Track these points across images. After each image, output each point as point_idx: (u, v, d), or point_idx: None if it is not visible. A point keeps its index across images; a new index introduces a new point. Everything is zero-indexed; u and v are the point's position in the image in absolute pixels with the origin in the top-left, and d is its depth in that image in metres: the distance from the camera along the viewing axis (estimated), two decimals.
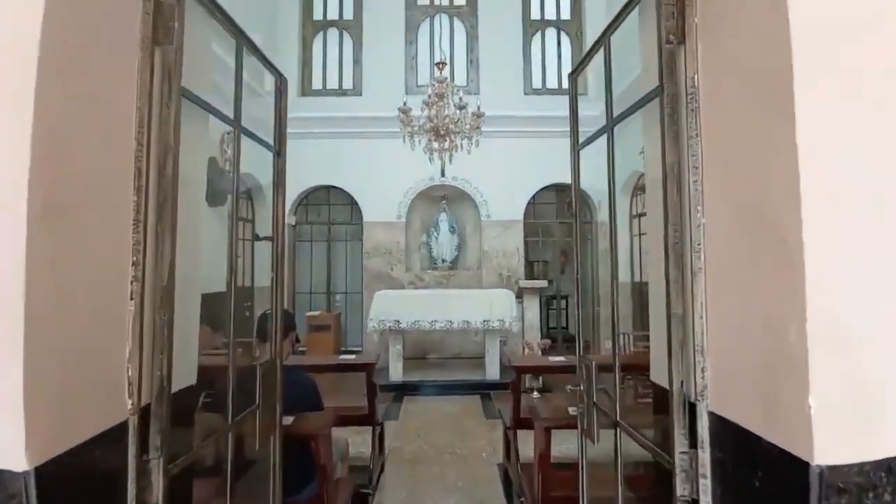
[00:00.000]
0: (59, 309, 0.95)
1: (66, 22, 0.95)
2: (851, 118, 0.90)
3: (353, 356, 4.86)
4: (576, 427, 1.99)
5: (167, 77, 1.24)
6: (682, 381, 1.28)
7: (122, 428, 1.12)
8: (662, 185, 1.30)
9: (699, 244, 1.21)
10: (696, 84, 1.22)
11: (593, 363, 1.85)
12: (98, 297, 1.07)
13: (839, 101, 0.90)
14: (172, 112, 1.25)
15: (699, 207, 1.22)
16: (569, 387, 2.02)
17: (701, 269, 1.21)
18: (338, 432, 2.93)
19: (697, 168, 1.22)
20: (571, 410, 2.53)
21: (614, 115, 1.65)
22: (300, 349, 6.50)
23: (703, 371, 1.24)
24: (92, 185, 1.05)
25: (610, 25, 1.62)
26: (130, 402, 1.15)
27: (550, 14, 7.65)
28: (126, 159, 1.16)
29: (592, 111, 3.01)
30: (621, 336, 6.37)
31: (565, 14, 7.66)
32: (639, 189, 6.83)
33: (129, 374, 1.17)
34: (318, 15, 7.49)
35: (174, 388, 1.30)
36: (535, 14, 7.59)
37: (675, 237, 1.27)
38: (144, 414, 1.19)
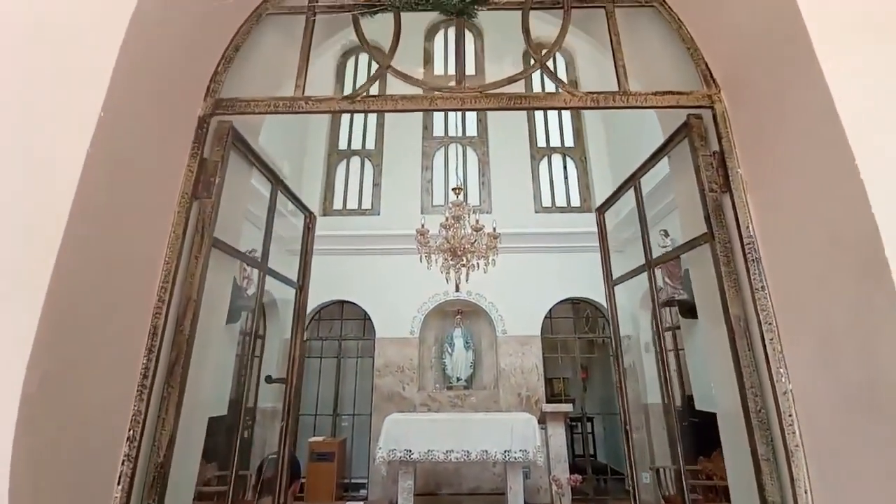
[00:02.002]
0: None
1: (100, 187, 0.94)
2: None
3: (360, 503, 4.27)
4: None
5: (200, 230, 1.22)
6: None
7: None
8: (729, 339, 1.16)
9: (790, 416, 1.03)
10: (752, 234, 1.15)
11: None
12: (79, 492, 0.88)
13: None
14: (200, 264, 1.19)
15: (781, 370, 1.06)
16: None
17: (799, 447, 1.01)
18: None
19: (771, 324, 1.09)
20: None
21: (654, 256, 1.58)
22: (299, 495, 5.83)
23: None
24: (97, 352, 0.94)
25: (639, 169, 1.64)
26: None
27: (555, 142, 8.31)
28: (142, 318, 1.07)
29: (588, 227, 3.06)
30: (660, 470, 5.59)
31: (569, 142, 8.32)
32: (660, 303, 6.64)
33: None
34: (342, 145, 8.23)
35: None
36: (541, 142, 8.26)
37: (756, 403, 1.09)
38: None
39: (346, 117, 8.45)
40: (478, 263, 4.97)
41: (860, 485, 0.88)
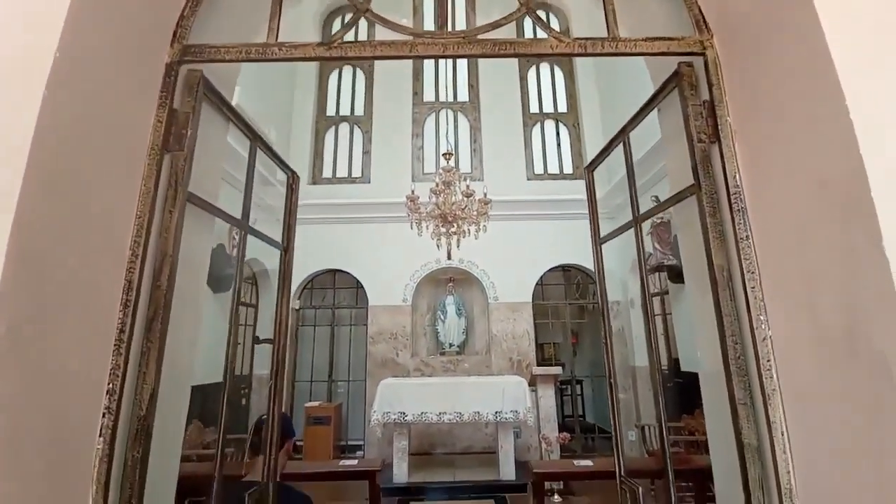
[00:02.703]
0: (13, 471, 0.76)
1: (60, 132, 0.89)
2: None
3: (354, 461, 4.41)
4: None
5: (174, 184, 1.17)
6: None
7: None
8: (712, 290, 1.17)
9: (769, 361, 1.04)
10: (739, 184, 1.14)
11: (639, 489, 1.57)
12: (58, 444, 0.88)
13: None
14: (175, 219, 1.16)
15: (762, 318, 1.06)
16: None
17: (776, 391, 1.03)
18: None
19: (754, 273, 1.09)
20: None
21: (641, 211, 1.57)
22: (297, 456, 5.99)
23: None
24: (69, 303, 0.92)
25: (629, 122, 1.60)
26: None
27: (548, 108, 8.13)
28: (115, 272, 1.05)
29: (580, 194, 2.93)
30: (646, 428, 5.81)
31: (562, 107, 8.15)
32: (649, 268, 6.72)
33: None
34: (331, 111, 8.00)
35: None
36: (533, 108, 8.08)
37: (735, 350, 1.10)
38: None
39: (333, 82, 8.17)
40: (469, 230, 4.95)
41: (835, 427, 0.90)
